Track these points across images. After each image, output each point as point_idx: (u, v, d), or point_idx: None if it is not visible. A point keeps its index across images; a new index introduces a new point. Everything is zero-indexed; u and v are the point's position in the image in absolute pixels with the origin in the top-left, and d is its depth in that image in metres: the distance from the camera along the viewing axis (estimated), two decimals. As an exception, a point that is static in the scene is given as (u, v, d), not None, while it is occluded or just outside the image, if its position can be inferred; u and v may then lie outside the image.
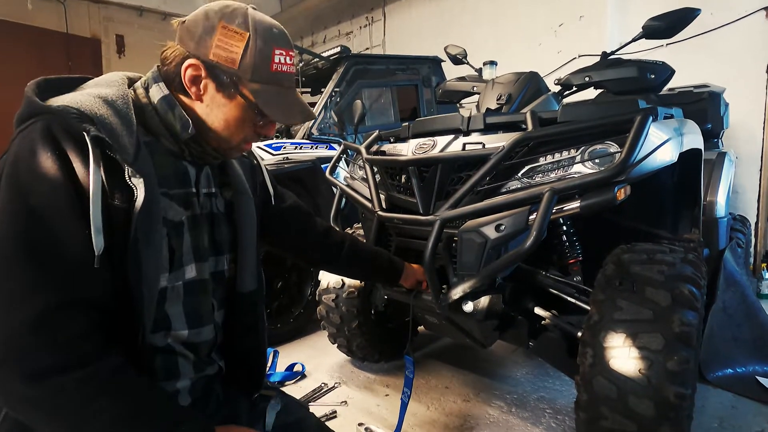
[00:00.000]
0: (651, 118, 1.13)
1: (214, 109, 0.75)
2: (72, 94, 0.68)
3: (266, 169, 1.01)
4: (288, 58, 0.77)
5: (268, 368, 2.11)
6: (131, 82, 0.77)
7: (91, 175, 0.60)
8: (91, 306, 0.61)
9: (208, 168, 0.84)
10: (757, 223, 3.33)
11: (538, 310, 1.48)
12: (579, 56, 3.62)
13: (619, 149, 1.15)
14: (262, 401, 0.92)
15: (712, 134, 2.43)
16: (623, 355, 1.07)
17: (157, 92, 0.74)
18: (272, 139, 2.82)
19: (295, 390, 1.97)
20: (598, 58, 1.82)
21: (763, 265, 3.24)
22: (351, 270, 1.32)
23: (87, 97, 0.67)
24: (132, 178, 0.64)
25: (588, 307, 1.25)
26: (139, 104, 0.74)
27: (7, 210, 0.58)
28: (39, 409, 0.57)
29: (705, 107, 2.37)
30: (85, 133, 0.61)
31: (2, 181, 0.60)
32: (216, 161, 0.83)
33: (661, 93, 2.42)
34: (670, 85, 1.92)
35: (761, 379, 1.86)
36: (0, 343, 0.55)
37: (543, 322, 1.47)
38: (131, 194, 0.64)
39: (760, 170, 3.30)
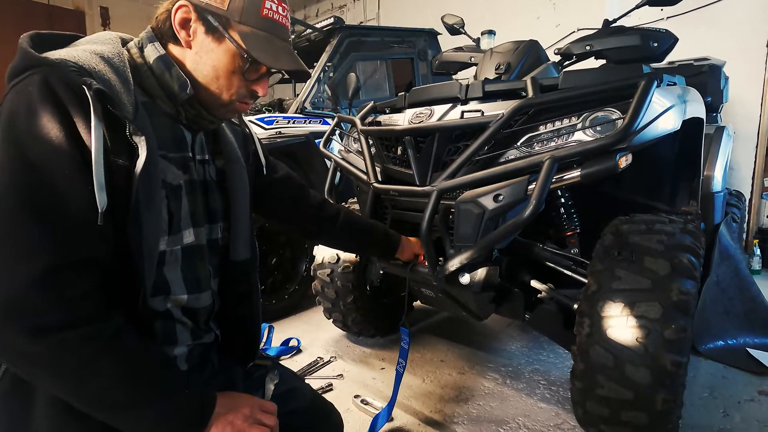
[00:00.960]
0: (655, 84, 1.10)
1: (203, 56, 0.72)
2: (67, 49, 0.66)
3: (258, 138, 0.99)
4: (281, 9, 0.75)
5: (263, 343, 2.12)
6: (124, 42, 0.75)
7: (93, 131, 0.59)
8: (95, 266, 0.60)
9: (202, 134, 0.82)
10: (750, 200, 3.34)
11: (534, 283, 1.48)
12: (578, 29, 3.54)
13: (621, 116, 1.12)
14: (257, 370, 0.91)
15: (712, 108, 2.40)
16: (621, 324, 1.07)
17: (153, 52, 0.72)
18: (265, 112, 2.76)
19: (291, 364, 1.97)
20: (596, 31, 1.77)
21: (755, 241, 3.27)
22: (347, 243, 1.30)
23: (83, 52, 0.65)
24: (134, 136, 0.63)
25: (585, 280, 1.25)
26: (134, 64, 0.72)
27: (7, 168, 0.57)
28: (39, 366, 0.57)
29: (705, 80, 2.33)
30: (85, 87, 0.59)
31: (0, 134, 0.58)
32: (211, 126, 0.81)
33: (660, 65, 2.38)
34: (670, 58, 1.88)
35: (752, 351, 1.89)
36: (4, 298, 0.54)
37: (539, 294, 1.47)
38: (132, 152, 0.63)
39: (756, 146, 3.29)
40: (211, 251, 0.83)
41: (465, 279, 1.36)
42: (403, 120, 1.50)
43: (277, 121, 2.63)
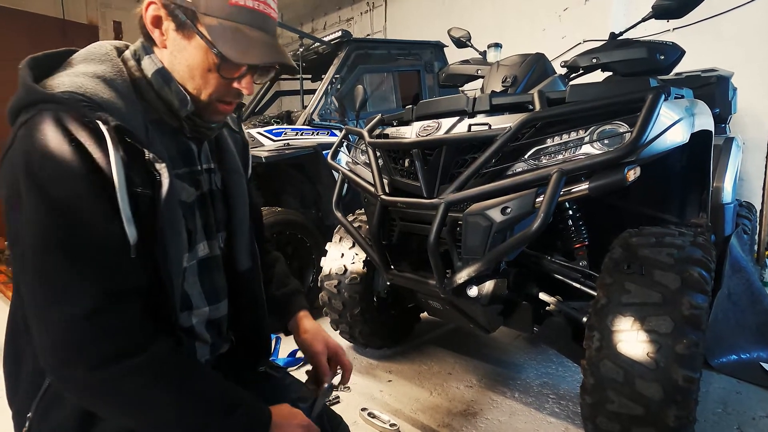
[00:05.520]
0: (663, 97, 1.10)
1: (177, 55, 0.69)
2: (69, 76, 0.64)
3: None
4: None
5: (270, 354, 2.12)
6: (119, 52, 0.72)
7: (114, 165, 0.59)
8: (135, 295, 0.62)
9: (206, 143, 0.82)
10: (761, 211, 3.30)
11: (542, 296, 1.47)
12: (584, 41, 3.55)
13: (629, 129, 1.12)
14: (267, 379, 0.93)
15: (720, 119, 2.39)
16: (631, 339, 1.06)
17: (151, 65, 0.70)
18: (273, 124, 2.79)
19: (298, 375, 1.96)
20: (603, 44, 1.78)
21: (767, 252, 3.23)
22: None
23: (86, 78, 0.63)
24: (155, 164, 0.63)
25: (594, 292, 1.24)
26: (134, 78, 0.70)
27: (33, 212, 0.57)
28: (100, 398, 0.60)
29: (713, 92, 2.33)
30: (99, 122, 0.59)
31: (19, 181, 0.57)
32: (210, 134, 0.80)
33: (668, 77, 2.38)
34: (677, 69, 1.89)
35: (766, 365, 1.86)
36: (57, 339, 0.57)
37: (547, 307, 1.46)
38: (152, 179, 0.63)
39: (766, 157, 3.26)
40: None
41: (473, 291, 1.35)
42: (410, 133, 1.51)
43: (285, 133, 2.66)
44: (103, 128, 0.59)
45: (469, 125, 1.36)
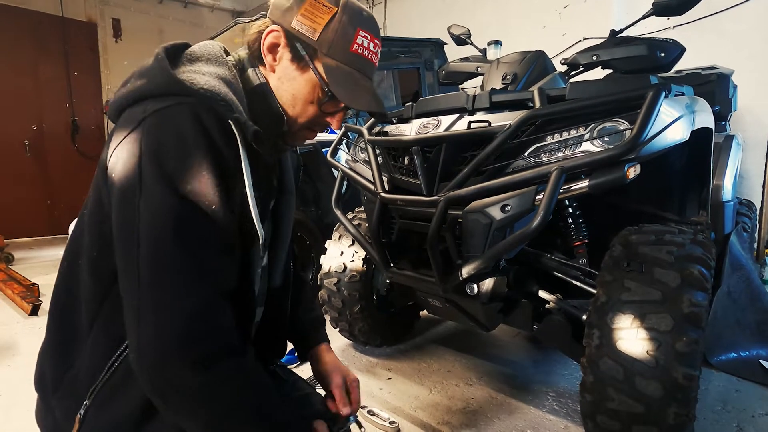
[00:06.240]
0: (663, 94, 1.10)
1: (285, 82, 0.71)
2: (197, 74, 0.65)
3: None
4: (372, 45, 0.72)
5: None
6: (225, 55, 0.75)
7: (244, 166, 0.62)
8: (230, 297, 0.62)
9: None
10: (761, 209, 3.30)
11: (542, 293, 1.47)
12: (584, 39, 3.54)
13: (629, 126, 1.12)
14: (277, 378, 0.94)
15: (720, 117, 2.38)
16: (631, 336, 1.06)
17: (255, 77, 0.72)
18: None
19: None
20: (603, 41, 1.77)
21: (766, 251, 3.23)
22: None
23: (214, 79, 0.65)
24: (274, 170, 0.70)
25: (593, 290, 1.24)
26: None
27: (162, 203, 0.57)
28: (196, 398, 0.56)
29: (713, 89, 2.32)
30: (233, 123, 0.62)
31: (143, 169, 0.57)
32: (281, 155, 0.82)
33: (668, 74, 2.37)
34: (678, 66, 1.88)
35: (765, 363, 1.86)
36: (166, 331, 0.55)
37: (547, 305, 1.46)
38: (261, 183, 0.68)
39: (766, 155, 3.25)
40: None
41: (472, 289, 1.35)
42: (410, 130, 1.50)
43: (285, 131, 2.65)
44: (235, 130, 0.61)
45: (469, 122, 1.35)
